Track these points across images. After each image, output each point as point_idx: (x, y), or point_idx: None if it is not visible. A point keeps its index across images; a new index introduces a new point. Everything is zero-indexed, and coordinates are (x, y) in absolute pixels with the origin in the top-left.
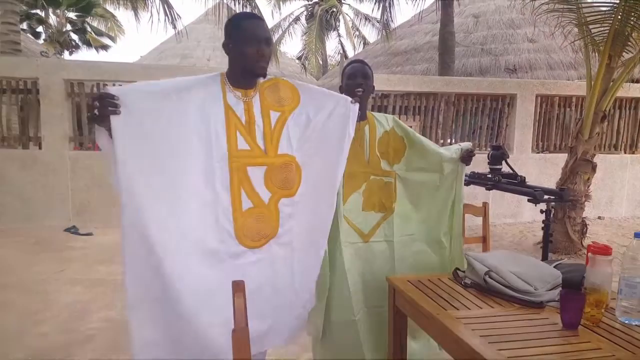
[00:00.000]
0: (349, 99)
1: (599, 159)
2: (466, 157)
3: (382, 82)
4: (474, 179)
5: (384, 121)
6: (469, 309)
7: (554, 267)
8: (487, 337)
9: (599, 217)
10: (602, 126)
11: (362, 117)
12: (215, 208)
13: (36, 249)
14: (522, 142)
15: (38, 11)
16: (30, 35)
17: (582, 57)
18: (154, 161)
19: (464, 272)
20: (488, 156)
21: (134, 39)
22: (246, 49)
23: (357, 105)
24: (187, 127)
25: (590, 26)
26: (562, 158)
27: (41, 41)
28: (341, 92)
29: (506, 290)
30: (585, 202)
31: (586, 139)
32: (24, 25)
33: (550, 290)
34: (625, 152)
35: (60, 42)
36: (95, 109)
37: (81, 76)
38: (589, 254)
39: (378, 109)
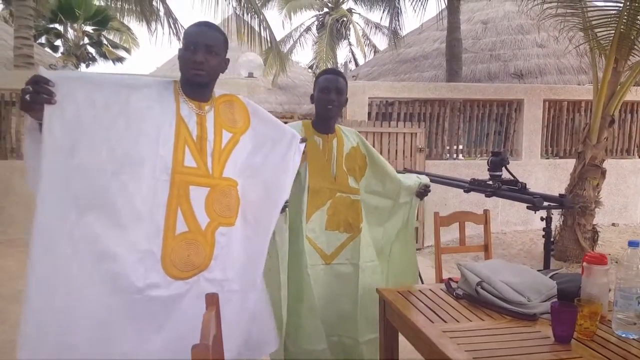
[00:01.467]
0: (298, 136)
1: (611, 164)
2: (421, 192)
3: (385, 89)
4: (474, 186)
5: (351, 136)
6: (458, 321)
7: (550, 277)
8: (472, 352)
9: (613, 224)
10: (610, 131)
11: (330, 130)
12: (146, 225)
13: None
14: (530, 148)
15: (57, 25)
16: (49, 50)
17: (589, 62)
18: (86, 162)
19: (456, 282)
20: (488, 162)
21: (149, 51)
22: (184, 55)
23: (303, 145)
24: (132, 130)
25: (596, 29)
26: (572, 164)
27: (59, 54)
28: (312, 102)
29: (498, 301)
30: (596, 209)
31: (594, 144)
32: (42, 40)
33: (544, 301)
34: (638, 157)
35: (77, 55)
36: (27, 94)
37: None
38: (584, 263)
39: (383, 116)
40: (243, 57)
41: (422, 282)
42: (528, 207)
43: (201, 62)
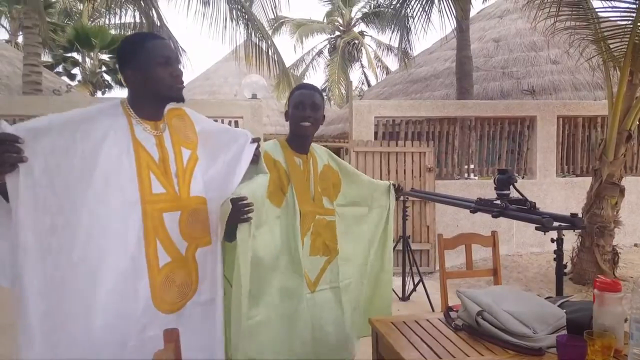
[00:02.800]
0: (250, 136)
1: (630, 181)
2: (396, 189)
3: (392, 108)
4: (481, 206)
5: (322, 154)
6: (454, 357)
7: (559, 305)
8: None
9: (635, 245)
10: (628, 146)
11: (306, 149)
12: (128, 268)
13: None
14: (545, 166)
15: (74, 54)
16: (66, 78)
17: (603, 76)
18: (56, 219)
19: (457, 311)
20: (494, 181)
21: None
22: (159, 71)
23: (254, 145)
24: (94, 169)
25: (609, 41)
26: (589, 181)
27: (75, 82)
28: (286, 119)
29: (500, 333)
30: (616, 229)
31: (611, 161)
32: (60, 68)
33: (551, 333)
34: None
35: (93, 82)
36: None
37: None
38: (595, 290)
39: (390, 136)
40: (247, 79)
41: (432, 309)
42: (537, 228)
43: (181, 76)
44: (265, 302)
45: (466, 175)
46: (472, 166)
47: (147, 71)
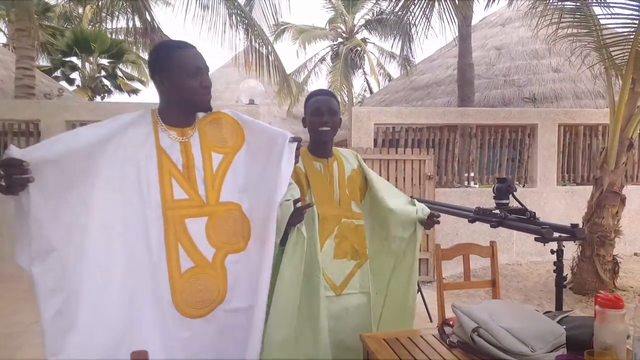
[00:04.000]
0: (288, 135)
1: (631, 190)
2: (429, 222)
3: (392, 115)
4: (479, 215)
5: (351, 158)
6: None
7: (559, 321)
8: None
9: (635, 254)
10: (629, 155)
11: (328, 153)
12: (150, 273)
13: (24, 295)
14: (546, 175)
15: (73, 59)
16: (65, 83)
17: (605, 84)
18: (75, 231)
19: (452, 326)
20: (493, 190)
21: None
22: (188, 82)
23: (294, 144)
24: (114, 182)
25: (610, 48)
26: (590, 190)
27: (74, 87)
28: (304, 126)
29: (496, 351)
30: (616, 238)
31: (612, 169)
32: (58, 73)
33: (551, 351)
34: None
35: (92, 87)
36: (1, 178)
37: (84, 117)
38: (596, 307)
39: (389, 143)
40: (244, 84)
41: (430, 320)
42: (536, 239)
43: (210, 86)
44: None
45: (466, 183)
46: (472, 174)
47: (177, 80)
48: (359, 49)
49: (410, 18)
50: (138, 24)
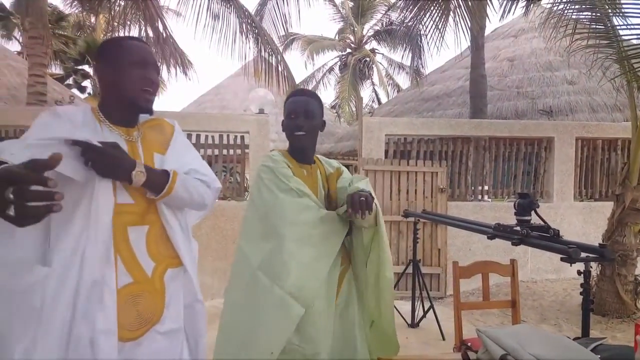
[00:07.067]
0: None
1: None
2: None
3: (404, 126)
4: (499, 232)
5: (332, 163)
6: None
7: (592, 349)
8: None
9: None
10: None
11: (309, 160)
12: (91, 292)
13: None
14: (562, 190)
15: (85, 67)
16: (76, 90)
17: (625, 97)
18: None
19: (476, 352)
20: (514, 205)
21: (175, 92)
22: (130, 74)
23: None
24: (73, 183)
25: (632, 60)
26: (609, 206)
27: (86, 95)
28: (283, 130)
29: None
30: (638, 257)
31: (634, 186)
32: (70, 80)
33: None
34: None
35: None
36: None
37: None
38: (638, 336)
39: (401, 154)
40: (254, 93)
41: (443, 338)
42: (562, 259)
43: (156, 84)
44: None
45: (479, 197)
46: (485, 187)
47: (118, 69)
48: (367, 59)
49: (422, 29)
50: (150, 33)
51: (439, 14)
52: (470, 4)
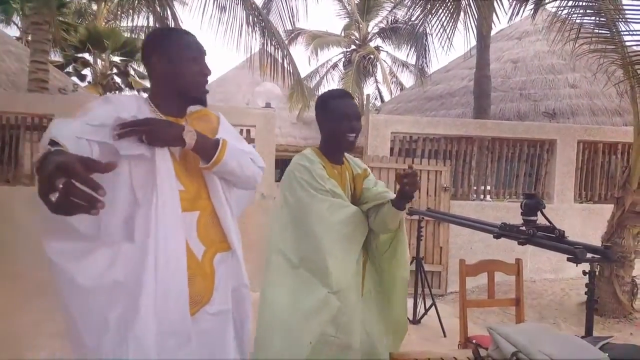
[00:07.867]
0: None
1: None
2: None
3: (409, 124)
4: (505, 232)
5: (359, 163)
6: None
7: (600, 347)
8: None
9: None
10: None
11: (342, 161)
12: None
13: (35, 293)
14: (563, 192)
15: (86, 55)
16: (76, 78)
17: (627, 102)
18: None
19: (486, 349)
20: (521, 205)
21: None
22: (190, 67)
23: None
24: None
25: (636, 66)
26: (607, 209)
27: (85, 83)
28: (321, 129)
29: None
30: (636, 259)
31: (635, 189)
32: (70, 68)
33: None
34: None
35: (103, 84)
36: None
37: None
38: None
39: (406, 152)
40: (260, 87)
41: (444, 334)
42: (569, 259)
43: (209, 75)
44: None
45: (482, 196)
46: (488, 187)
47: (177, 64)
48: (371, 56)
49: (427, 29)
50: (152, 22)
51: (449, 14)
52: (479, 4)
